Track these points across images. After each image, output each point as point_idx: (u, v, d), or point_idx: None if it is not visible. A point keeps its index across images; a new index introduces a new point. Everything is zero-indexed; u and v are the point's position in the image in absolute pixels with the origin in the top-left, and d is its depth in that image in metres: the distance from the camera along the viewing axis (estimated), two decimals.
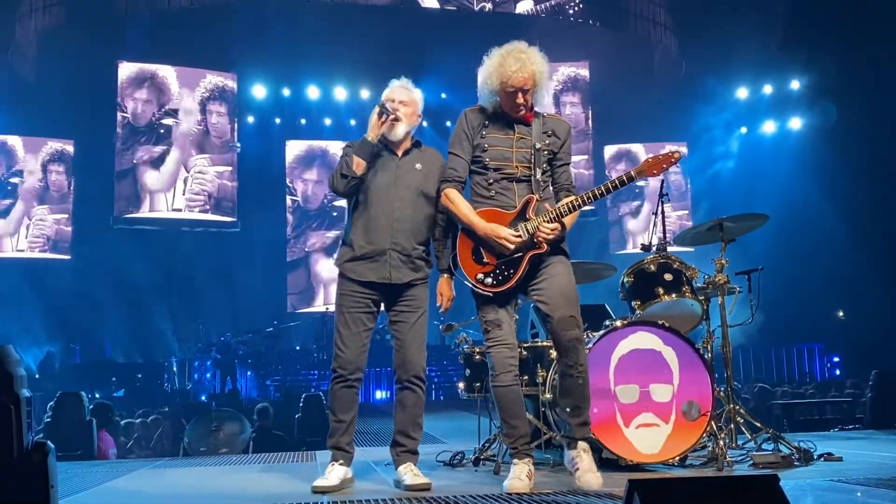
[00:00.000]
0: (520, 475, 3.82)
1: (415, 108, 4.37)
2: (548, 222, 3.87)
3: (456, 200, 3.99)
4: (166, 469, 5.44)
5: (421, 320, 4.23)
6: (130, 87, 16.37)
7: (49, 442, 2.31)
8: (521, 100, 3.93)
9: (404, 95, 4.37)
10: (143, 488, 4.53)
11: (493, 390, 4.03)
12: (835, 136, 14.44)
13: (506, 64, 3.91)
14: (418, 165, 4.25)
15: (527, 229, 3.88)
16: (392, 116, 4.18)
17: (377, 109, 4.19)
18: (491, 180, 3.99)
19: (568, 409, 3.95)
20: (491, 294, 3.94)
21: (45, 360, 14.24)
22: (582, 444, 3.93)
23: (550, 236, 3.87)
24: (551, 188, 4.09)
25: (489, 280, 3.93)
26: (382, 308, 4.30)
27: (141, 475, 5.08)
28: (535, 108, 4.06)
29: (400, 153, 4.26)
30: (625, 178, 3.90)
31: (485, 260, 3.95)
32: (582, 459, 3.87)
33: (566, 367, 3.92)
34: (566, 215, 3.91)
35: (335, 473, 4.03)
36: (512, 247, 3.87)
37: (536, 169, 3.97)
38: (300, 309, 16.99)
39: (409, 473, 4.01)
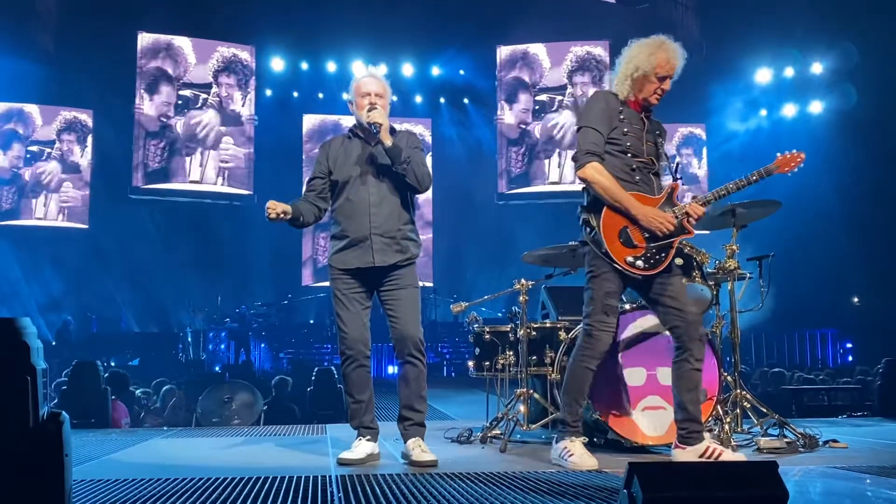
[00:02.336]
0: (587, 452, 3.93)
1: (388, 96, 4.37)
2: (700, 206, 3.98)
3: (609, 177, 3.90)
4: (178, 439, 5.54)
5: (412, 295, 4.26)
6: (147, 58, 16.41)
7: (64, 412, 2.36)
8: (665, 86, 4.12)
9: (379, 87, 4.33)
10: (155, 457, 4.62)
11: (576, 366, 3.99)
12: (854, 120, 14.31)
13: (663, 50, 4.07)
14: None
15: (676, 214, 3.94)
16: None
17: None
18: (634, 165, 4.01)
19: (695, 401, 3.98)
20: (641, 277, 3.92)
21: (62, 328, 14.41)
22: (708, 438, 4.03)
23: (695, 222, 3.98)
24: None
25: (640, 263, 3.88)
26: None
27: (153, 444, 5.17)
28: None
29: (373, 141, 4.27)
30: (763, 172, 4.11)
31: (634, 242, 3.90)
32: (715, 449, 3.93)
33: (694, 361, 3.95)
34: (710, 203, 4.06)
35: (362, 448, 4.12)
36: (672, 229, 3.90)
37: (660, 162, 4.12)
38: (315, 283, 17.08)
39: (417, 449, 4.07)
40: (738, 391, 4.74)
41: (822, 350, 15.13)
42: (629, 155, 4.00)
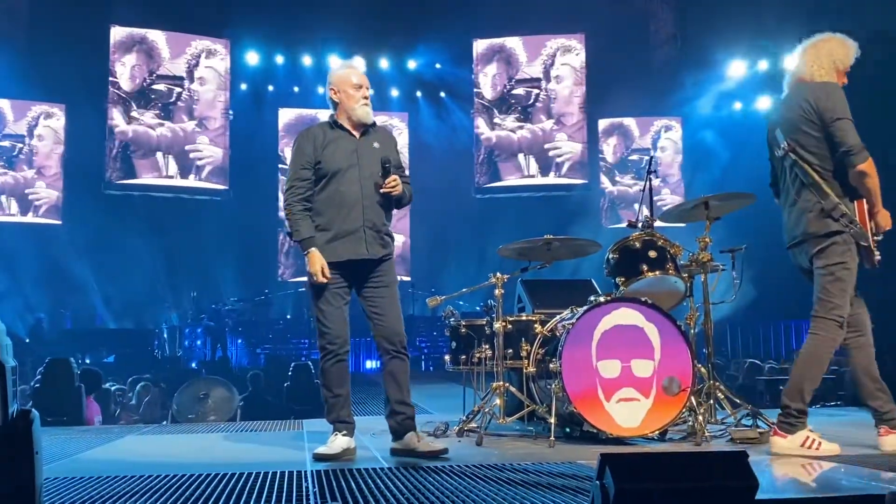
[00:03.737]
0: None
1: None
2: None
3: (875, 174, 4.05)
4: (153, 436, 5.50)
5: (395, 292, 4.28)
6: (120, 52, 16.25)
7: (34, 410, 2.34)
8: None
9: (366, 80, 4.40)
10: (129, 455, 4.58)
11: (824, 357, 4.17)
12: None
13: (852, 48, 4.30)
14: (376, 144, 4.30)
15: None
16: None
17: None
18: None
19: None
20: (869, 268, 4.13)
21: (35, 326, 14.27)
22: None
23: None
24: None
25: (878, 257, 4.16)
26: None
27: (127, 441, 5.13)
28: None
29: (358, 134, 4.28)
30: None
31: (872, 237, 4.12)
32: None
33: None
34: None
35: (338, 443, 4.10)
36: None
37: None
38: (291, 278, 17.01)
39: (423, 441, 4.12)
40: (712, 382, 4.78)
41: (797, 341, 15.27)
42: None
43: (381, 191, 4.18)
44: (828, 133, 4.02)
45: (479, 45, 17.61)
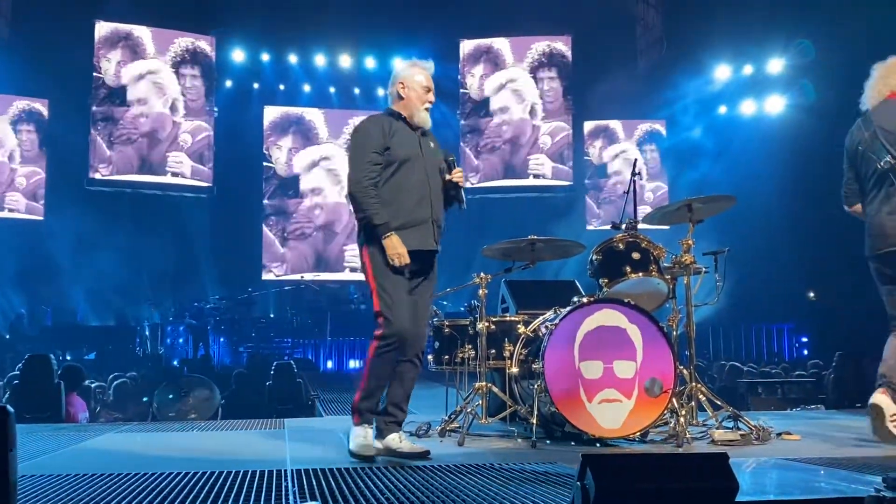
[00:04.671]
0: None
1: None
2: None
3: None
4: (133, 433, 5.45)
5: (433, 290, 4.31)
6: (105, 47, 16.14)
7: (8, 406, 2.31)
8: None
9: (433, 85, 4.43)
10: (109, 452, 4.54)
11: None
12: (811, 118, 14.52)
13: None
14: (432, 144, 4.33)
15: None
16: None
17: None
18: None
19: None
20: None
21: (15, 322, 14.15)
22: None
23: None
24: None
25: None
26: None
27: (107, 439, 5.09)
28: None
29: (418, 132, 4.29)
30: None
31: None
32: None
33: None
34: None
35: (369, 437, 4.07)
36: None
37: None
38: (275, 276, 16.95)
39: (405, 441, 4.10)
40: (694, 384, 4.79)
41: (778, 344, 15.37)
42: None
43: (452, 178, 4.22)
44: None
45: (466, 46, 17.61)
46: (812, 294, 15.65)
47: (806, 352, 15.01)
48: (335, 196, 17.28)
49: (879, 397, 4.45)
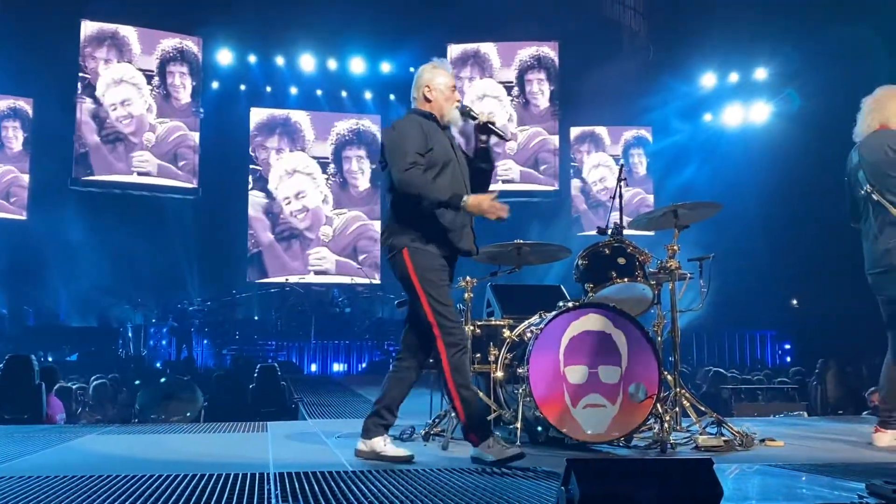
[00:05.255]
0: None
1: None
2: None
3: None
4: (114, 435, 5.41)
5: None
6: (91, 47, 16.04)
7: None
8: None
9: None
10: (89, 454, 4.50)
11: None
12: (795, 126, 14.63)
13: None
14: (459, 141, 4.32)
15: None
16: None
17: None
18: None
19: None
20: None
21: None
22: None
23: None
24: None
25: None
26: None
27: (88, 441, 5.04)
28: None
29: (447, 132, 4.26)
30: None
31: None
32: None
33: None
34: None
35: (500, 446, 3.97)
36: None
37: None
38: (260, 279, 16.88)
39: (390, 446, 4.09)
40: (678, 390, 4.80)
41: (761, 351, 15.45)
42: None
43: (481, 119, 4.19)
44: None
45: (454, 50, 17.62)
46: (795, 302, 15.75)
47: (788, 359, 15.10)
48: (318, 201, 17.27)
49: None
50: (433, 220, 4.02)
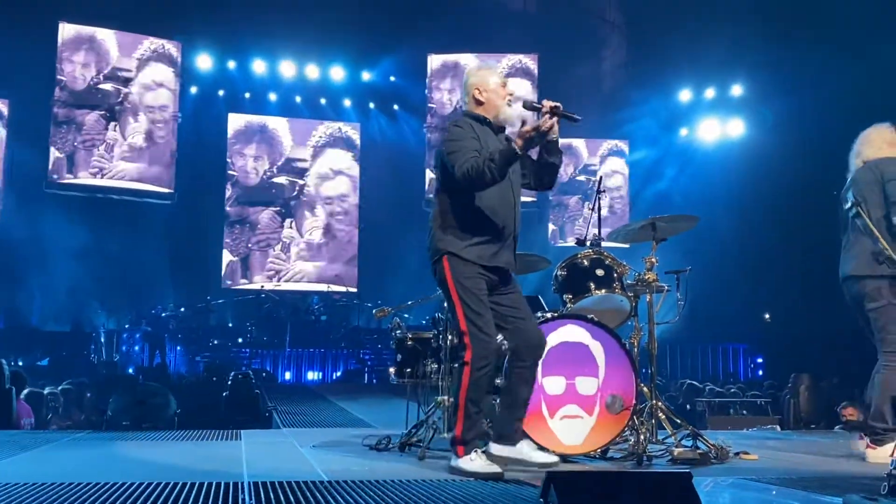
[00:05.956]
0: None
1: None
2: None
3: None
4: (85, 442, 5.33)
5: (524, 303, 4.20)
6: (69, 50, 15.90)
7: None
8: None
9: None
10: (58, 461, 4.44)
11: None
12: (769, 141, 14.79)
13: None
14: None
15: None
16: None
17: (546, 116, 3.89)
18: None
19: None
20: None
21: None
22: None
23: None
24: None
25: None
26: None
27: (57, 447, 4.97)
28: None
29: (501, 136, 4.18)
30: None
31: None
32: None
33: None
34: None
35: (481, 461, 3.91)
36: None
37: None
38: (235, 285, 16.78)
39: (536, 452, 4.10)
40: (655, 402, 4.81)
41: (734, 364, 15.56)
42: None
43: (545, 107, 3.93)
44: (884, 190, 4.69)
45: (434, 61, 17.66)
46: (767, 316, 15.89)
47: (760, 372, 15.22)
48: (294, 207, 17.22)
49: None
50: (476, 229, 3.98)
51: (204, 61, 16.85)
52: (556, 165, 4.16)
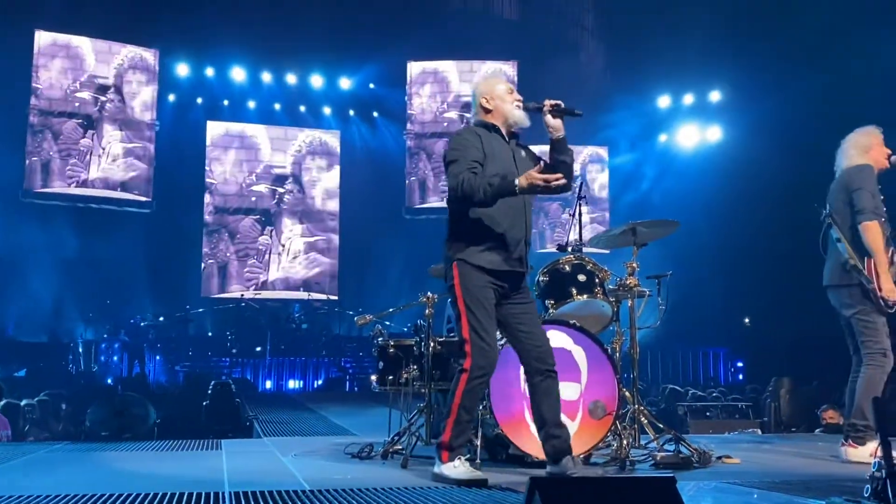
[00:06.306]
0: None
1: None
2: None
3: None
4: (63, 453, 5.27)
5: (536, 313, 4.19)
6: (45, 58, 15.77)
7: None
8: None
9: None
10: (36, 472, 4.38)
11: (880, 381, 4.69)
12: (749, 147, 14.89)
13: (872, 135, 5.05)
14: (523, 153, 4.17)
15: None
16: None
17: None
18: None
19: None
20: None
21: None
22: None
23: None
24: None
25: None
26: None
27: (35, 459, 4.90)
28: None
29: (508, 138, 4.17)
30: None
31: None
32: None
33: None
34: None
35: (465, 468, 3.90)
36: None
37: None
38: (214, 294, 16.66)
39: (580, 466, 4.04)
40: (637, 406, 4.82)
41: (714, 368, 15.62)
42: None
43: (546, 106, 4.05)
44: (850, 200, 4.85)
45: (414, 68, 17.67)
46: (747, 320, 15.98)
47: (741, 376, 15.28)
48: (273, 215, 17.16)
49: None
50: (486, 236, 3.96)
51: (182, 69, 16.76)
52: (568, 164, 4.11)
